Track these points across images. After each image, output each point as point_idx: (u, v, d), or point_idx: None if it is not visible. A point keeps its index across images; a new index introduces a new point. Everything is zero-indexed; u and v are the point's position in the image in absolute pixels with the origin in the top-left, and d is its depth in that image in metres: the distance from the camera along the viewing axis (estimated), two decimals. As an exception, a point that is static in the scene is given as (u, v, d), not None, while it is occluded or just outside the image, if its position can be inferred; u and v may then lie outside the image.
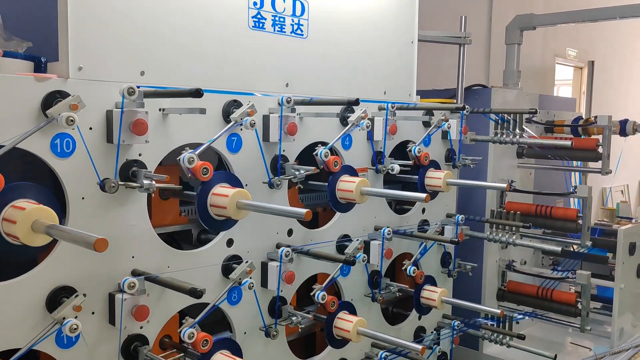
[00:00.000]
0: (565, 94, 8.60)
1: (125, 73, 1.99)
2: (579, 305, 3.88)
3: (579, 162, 4.34)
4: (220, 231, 2.22)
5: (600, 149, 3.94)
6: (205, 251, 2.23)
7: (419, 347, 2.36)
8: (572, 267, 4.29)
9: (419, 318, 3.23)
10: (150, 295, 2.01)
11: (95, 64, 1.91)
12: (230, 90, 2.23)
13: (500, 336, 3.35)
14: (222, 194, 2.03)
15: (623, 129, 4.21)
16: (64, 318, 1.76)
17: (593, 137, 4.21)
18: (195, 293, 1.83)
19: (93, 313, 1.92)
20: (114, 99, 1.91)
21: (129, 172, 1.95)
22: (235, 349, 2.18)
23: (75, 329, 1.75)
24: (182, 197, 2.28)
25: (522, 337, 3.08)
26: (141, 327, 2.03)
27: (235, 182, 2.15)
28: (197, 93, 1.79)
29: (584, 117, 4.57)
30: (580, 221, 3.76)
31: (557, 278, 3.99)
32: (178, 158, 1.97)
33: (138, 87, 1.87)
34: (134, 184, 1.90)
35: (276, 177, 2.32)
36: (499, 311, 2.77)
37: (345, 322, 2.53)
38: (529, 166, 4.34)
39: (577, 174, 4.81)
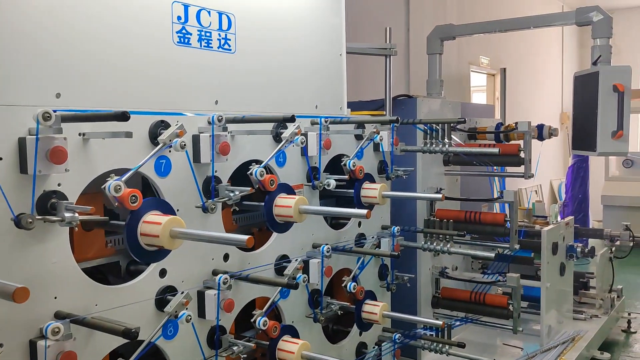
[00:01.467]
0: (480, 100, 8.92)
1: (38, 96, 1.81)
2: (511, 307, 3.98)
3: (500, 167, 4.47)
4: (153, 262, 2.07)
5: (522, 154, 4.07)
6: (136, 285, 2.06)
7: (366, 367, 2.31)
8: (500, 270, 4.40)
9: (360, 334, 3.18)
10: (77, 339, 1.83)
11: (3, 86, 1.72)
12: (157, 111, 2.08)
13: (440, 345, 3.35)
14: (153, 223, 1.88)
15: (540, 133, 4.38)
16: (-23, 375, 1.56)
17: (513, 142, 4.36)
18: (130, 334, 1.67)
19: (11, 364, 1.72)
20: (27, 125, 1.73)
21: (48, 204, 1.77)
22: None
23: (-9, 386, 1.55)
24: (108, 228, 2.11)
25: (462, 346, 3.09)
26: (68, 374, 1.84)
27: (167, 209, 2.01)
28: (123, 116, 1.64)
29: (503, 122, 4.73)
30: (508, 225, 3.86)
31: (488, 282, 4.08)
32: (103, 186, 1.81)
33: (54, 111, 1.70)
34: (54, 218, 1.72)
35: (210, 200, 2.20)
36: (440, 322, 2.77)
37: (289, 346, 2.43)
38: (456, 173, 4.42)
39: (499, 178, 4.95)
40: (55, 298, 1.82)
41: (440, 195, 2.67)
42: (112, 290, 1.99)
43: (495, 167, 4.37)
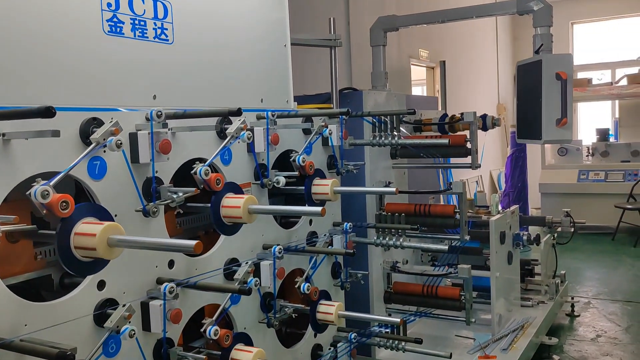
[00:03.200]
0: (420, 94, 8.98)
1: (-53, 92, 1.59)
2: (463, 299, 3.96)
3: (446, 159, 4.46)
4: (90, 274, 1.87)
5: (468, 144, 4.06)
6: (71, 300, 1.86)
7: (327, 373, 2.19)
8: (450, 261, 4.39)
9: (315, 335, 3.06)
10: (4, 365, 1.62)
11: None
12: (88, 107, 1.89)
13: (396, 342, 3.28)
14: (88, 233, 1.69)
15: (484, 123, 4.39)
16: None
17: (459, 133, 4.35)
18: (65, 357, 1.49)
19: None
20: None
21: (-37, 215, 1.56)
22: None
23: None
24: (37, 239, 1.90)
25: (419, 342, 3.03)
26: (-4, 405, 1.64)
27: (103, 215, 1.82)
28: (48, 112, 1.45)
29: (447, 114, 4.72)
30: (458, 216, 3.84)
31: (440, 274, 4.05)
32: (28, 192, 1.61)
33: (-33, 108, 1.49)
34: (-29, 231, 1.51)
35: (151, 203, 2.02)
36: (398, 320, 2.69)
37: (242, 354, 2.28)
38: (403, 166, 4.37)
39: (444, 170, 4.95)
40: (-23, 321, 1.61)
41: (394, 189, 2.58)
42: (43, 308, 1.79)
43: (441, 159, 4.36)
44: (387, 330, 3.24)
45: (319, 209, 2.05)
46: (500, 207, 4.87)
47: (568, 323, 5.46)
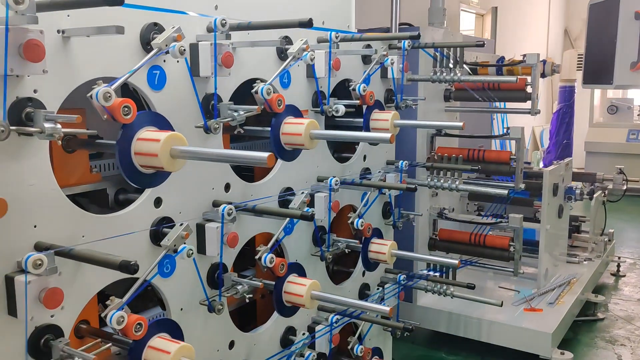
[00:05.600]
0: (466, 43, 8.63)
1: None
2: (512, 249, 3.83)
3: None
4: (149, 187, 1.78)
5: (528, 89, 3.84)
6: (128, 214, 1.78)
7: (387, 308, 2.09)
8: (499, 212, 4.24)
9: (363, 274, 2.97)
10: (62, 275, 1.55)
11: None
12: (155, 7, 1.75)
13: (445, 287, 3.18)
14: (151, 139, 1.59)
15: (543, 69, 4.15)
16: (-57, 315, 1.28)
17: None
18: (129, 268, 1.41)
19: (-15, 303, 1.44)
20: (-7, 13, 1.40)
21: (22, 114, 1.46)
22: (175, 330, 1.79)
23: (-39, 328, 1.27)
24: (95, 148, 1.81)
25: (472, 287, 2.92)
26: (52, 316, 1.58)
27: (164, 125, 1.71)
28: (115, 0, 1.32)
29: (504, 57, 4.47)
30: (513, 164, 3.66)
31: (490, 223, 3.90)
32: (89, 94, 1.50)
33: (28, -6, 1.37)
34: (32, 129, 1.42)
35: (213, 120, 1.90)
36: (456, 262, 2.57)
37: (297, 287, 2.20)
38: (456, 109, 4.17)
39: (499, 116, 4.74)
40: (35, 227, 1.53)
41: (460, 123, 2.42)
42: (100, 220, 1.71)
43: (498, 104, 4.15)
44: (436, 274, 3.14)
45: (387, 135, 1.91)
46: (541, 165, 4.67)
47: (613, 283, 5.30)
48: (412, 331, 2.47)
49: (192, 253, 1.77)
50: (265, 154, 1.43)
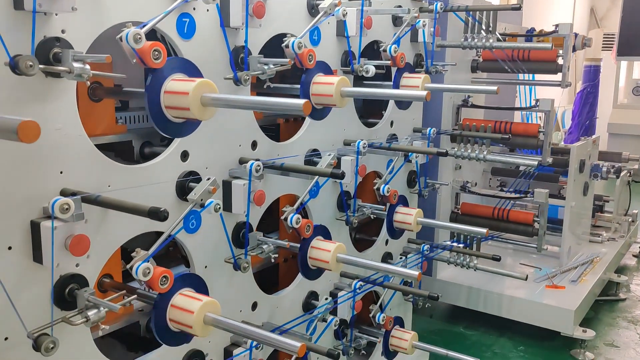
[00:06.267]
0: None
1: None
2: (536, 225, 3.76)
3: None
4: (178, 137, 1.73)
5: (559, 60, 3.73)
6: (155, 166, 1.73)
7: (416, 273, 2.04)
8: (522, 188, 4.15)
9: (386, 243, 2.92)
10: (88, 223, 1.51)
11: None
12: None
13: (468, 259, 3.12)
14: (181, 88, 1.53)
15: (573, 42, 4.02)
16: (-31, 255, 1.24)
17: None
18: (159, 214, 1.36)
19: (10, 248, 1.40)
20: (20, -57, 1.33)
21: (50, 54, 1.40)
22: (201, 286, 1.74)
23: (-13, 269, 1.24)
24: (121, 97, 1.76)
25: (497, 259, 2.85)
26: (77, 265, 1.54)
27: (195, 73, 1.65)
28: None
29: (533, 28, 4.34)
30: (541, 137, 3.57)
31: (515, 197, 3.83)
32: (119, 35, 1.45)
33: None
34: (60, 68, 1.36)
35: (243, 71, 1.83)
36: (484, 230, 2.50)
37: (322, 249, 2.15)
38: (484, 80, 4.07)
39: (524, 91, 4.63)
40: (61, 173, 1.49)
41: (495, 88, 2.32)
42: (127, 170, 1.66)
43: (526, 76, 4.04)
44: (461, 244, 3.08)
45: (423, 92, 1.83)
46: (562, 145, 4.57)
47: (635, 264, 5.21)
48: (437, 299, 2.42)
49: (220, 208, 1.72)
50: (302, 101, 1.36)
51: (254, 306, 2.17)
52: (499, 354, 3.65)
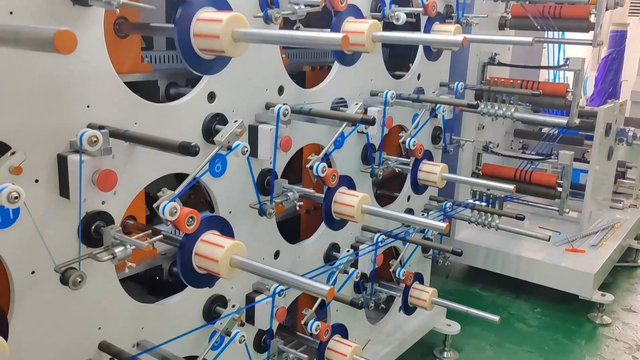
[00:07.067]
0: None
1: None
2: (559, 188, 3.69)
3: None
4: (207, 74, 1.67)
5: (592, 18, 3.60)
6: (182, 105, 1.69)
7: (443, 224, 2.00)
8: (544, 151, 4.08)
9: (408, 199, 2.88)
10: (115, 159, 1.48)
11: None
12: None
13: (489, 219, 3.08)
14: (212, 20, 1.47)
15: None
16: (-3, 184, 1.22)
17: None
18: (189, 149, 1.32)
19: (37, 181, 1.37)
20: None
21: (76, -19, 1.35)
22: (226, 228, 1.72)
23: (15, 197, 1.21)
24: (148, 32, 1.70)
25: (521, 218, 2.81)
26: (103, 203, 1.51)
27: (224, 6, 1.59)
28: None
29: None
30: (569, 97, 3.48)
31: (538, 159, 3.76)
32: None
33: None
34: (88, -7, 1.31)
35: (274, 9, 1.77)
36: (511, 187, 2.44)
37: (347, 201, 2.11)
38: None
39: (550, 51, 4.50)
40: (88, 107, 1.45)
41: (530, 39, 2.24)
42: (154, 109, 1.61)
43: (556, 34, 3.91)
44: (483, 203, 3.03)
45: (459, 37, 1.75)
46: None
47: (654, 232, 5.14)
48: (460, 254, 2.39)
49: (247, 150, 1.68)
50: (339, 35, 1.30)
51: (277, 255, 2.15)
52: (515, 315, 3.64)
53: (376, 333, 2.85)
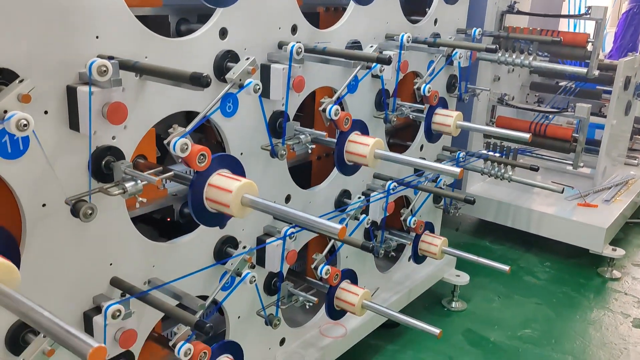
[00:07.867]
0: None
1: None
2: (574, 142, 3.64)
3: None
4: (220, 6, 1.62)
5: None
6: (193, 41, 1.64)
7: (458, 170, 1.97)
8: (562, 105, 4.00)
9: (420, 149, 2.84)
10: (125, 92, 1.45)
11: None
12: None
13: (503, 170, 3.04)
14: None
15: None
16: (5, 111, 1.19)
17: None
18: (201, 80, 1.28)
19: (46, 113, 1.34)
20: None
21: None
22: (238, 168, 1.69)
23: (24, 125, 1.19)
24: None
25: (535, 169, 2.77)
26: (113, 138, 1.49)
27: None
28: None
29: None
30: (589, 47, 3.38)
31: (554, 111, 3.69)
32: None
33: None
34: None
35: None
36: (527, 136, 2.39)
37: (359, 145, 2.08)
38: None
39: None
40: (97, 38, 1.41)
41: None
42: (165, 43, 1.57)
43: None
44: (497, 154, 2.99)
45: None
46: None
47: (668, 190, 5.08)
48: (473, 202, 2.37)
49: (260, 88, 1.64)
50: None
51: (288, 199, 2.13)
52: (524, 268, 3.65)
53: (385, 281, 2.86)
